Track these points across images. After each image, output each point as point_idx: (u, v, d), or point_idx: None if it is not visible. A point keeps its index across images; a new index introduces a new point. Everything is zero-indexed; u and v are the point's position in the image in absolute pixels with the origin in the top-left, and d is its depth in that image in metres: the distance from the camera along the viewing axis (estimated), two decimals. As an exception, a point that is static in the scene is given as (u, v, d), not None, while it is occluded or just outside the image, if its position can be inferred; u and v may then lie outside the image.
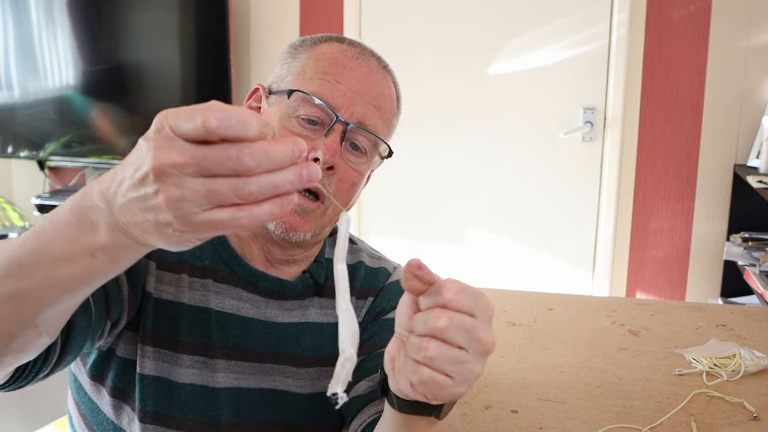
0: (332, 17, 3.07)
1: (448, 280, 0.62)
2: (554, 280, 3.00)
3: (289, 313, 1.00)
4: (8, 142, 3.24)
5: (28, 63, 3.15)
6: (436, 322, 0.60)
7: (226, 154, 0.49)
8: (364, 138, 0.95)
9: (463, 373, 0.61)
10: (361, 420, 0.93)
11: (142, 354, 0.93)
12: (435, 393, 0.62)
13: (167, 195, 0.50)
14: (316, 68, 0.94)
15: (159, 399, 0.93)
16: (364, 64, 0.96)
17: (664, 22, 2.74)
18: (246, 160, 0.49)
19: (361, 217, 3.20)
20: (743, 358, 1.22)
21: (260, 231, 0.96)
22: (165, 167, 0.50)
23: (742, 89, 2.72)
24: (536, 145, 2.95)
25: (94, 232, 0.57)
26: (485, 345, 0.62)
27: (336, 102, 0.92)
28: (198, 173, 0.50)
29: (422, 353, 0.60)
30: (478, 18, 2.93)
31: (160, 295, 0.94)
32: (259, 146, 0.50)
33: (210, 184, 0.50)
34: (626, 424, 1.05)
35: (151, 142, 0.51)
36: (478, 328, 0.61)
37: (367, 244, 1.14)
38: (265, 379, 0.98)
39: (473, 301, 0.62)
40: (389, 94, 0.98)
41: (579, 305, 1.55)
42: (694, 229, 2.85)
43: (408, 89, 3.34)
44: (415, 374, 0.61)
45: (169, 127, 0.50)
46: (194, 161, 0.49)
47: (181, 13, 3.01)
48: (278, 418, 0.98)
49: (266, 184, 0.51)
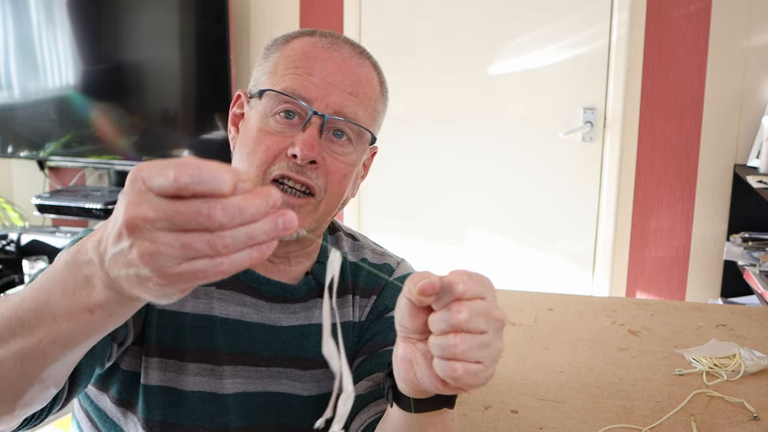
0: (332, 17, 3.07)
1: (452, 273, 0.63)
2: (554, 280, 3.00)
3: (294, 316, 0.99)
4: (8, 142, 3.24)
5: (28, 63, 3.15)
6: (458, 316, 0.61)
7: (197, 210, 0.49)
8: (345, 127, 0.92)
9: (491, 355, 0.63)
10: (361, 420, 0.93)
11: (146, 365, 0.93)
12: (470, 382, 0.63)
13: (141, 249, 0.50)
14: (287, 64, 0.93)
15: (166, 408, 0.93)
16: (336, 54, 0.93)
17: (664, 22, 2.74)
18: (217, 216, 0.49)
19: (360, 215, 3.20)
20: (743, 358, 1.22)
21: None
22: (136, 222, 0.50)
23: (742, 89, 2.72)
24: (536, 145, 2.95)
25: (90, 288, 0.57)
26: (501, 321, 0.64)
27: (309, 95, 0.90)
28: (170, 228, 0.50)
29: (452, 350, 0.61)
30: (478, 18, 2.93)
31: (163, 306, 0.93)
32: (233, 202, 0.50)
33: (184, 237, 0.50)
34: (626, 424, 1.05)
35: (126, 197, 0.51)
36: (492, 308, 0.63)
37: (369, 239, 1.13)
38: (272, 383, 0.98)
39: (481, 285, 0.63)
40: (368, 80, 0.96)
41: (579, 305, 1.55)
42: (694, 229, 2.85)
43: (408, 89, 3.34)
44: (448, 371, 0.62)
45: (141, 181, 0.50)
46: (165, 216, 0.49)
47: (181, 13, 3.01)
48: (286, 421, 0.98)
49: (241, 236, 0.51)
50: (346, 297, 1.03)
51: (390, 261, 1.09)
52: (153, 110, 3.11)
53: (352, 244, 1.09)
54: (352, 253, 1.08)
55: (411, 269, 1.10)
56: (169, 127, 3.11)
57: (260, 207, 0.51)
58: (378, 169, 3.43)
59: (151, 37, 3.05)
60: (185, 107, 3.07)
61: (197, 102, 3.11)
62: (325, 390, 1.00)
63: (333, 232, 1.09)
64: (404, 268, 1.10)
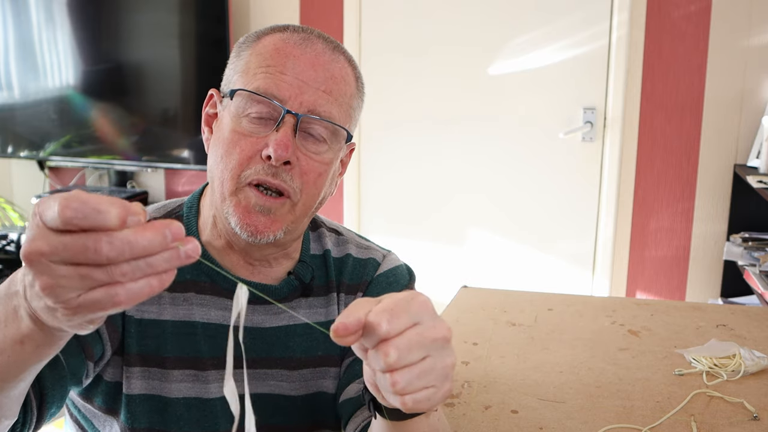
0: (332, 17, 3.07)
1: (374, 312, 0.60)
2: (554, 280, 3.00)
3: (277, 317, 0.98)
4: (8, 142, 3.24)
5: (28, 63, 3.15)
6: (387, 359, 0.59)
7: (83, 245, 0.49)
8: (319, 126, 0.90)
9: (439, 375, 0.61)
10: (356, 423, 0.93)
11: (128, 375, 0.92)
12: (426, 407, 0.62)
13: (41, 282, 0.52)
14: (259, 62, 0.90)
15: (153, 416, 0.93)
16: (308, 50, 0.90)
17: (664, 22, 2.74)
18: (104, 250, 0.49)
19: (361, 216, 3.20)
20: (743, 358, 1.22)
21: (234, 238, 0.93)
22: (32, 256, 0.51)
23: (742, 89, 2.72)
24: (536, 145, 2.95)
25: (19, 320, 0.58)
26: (442, 337, 0.61)
27: (282, 94, 0.88)
28: (65, 261, 0.50)
29: (394, 388, 0.60)
30: (479, 18, 2.93)
31: (142, 315, 0.93)
32: (121, 236, 0.50)
33: (81, 269, 0.50)
34: (626, 424, 1.05)
35: (27, 231, 0.52)
36: (426, 331, 0.61)
37: (353, 232, 1.10)
38: (259, 384, 0.97)
39: (407, 314, 0.60)
40: (342, 76, 0.92)
41: (579, 305, 1.55)
42: (694, 229, 2.85)
43: (408, 89, 3.34)
44: (399, 403, 0.61)
45: (39, 216, 0.51)
46: (57, 251, 0.50)
47: (181, 13, 3.01)
48: (275, 421, 0.98)
49: (141, 264, 0.51)
50: (331, 295, 1.02)
51: (375, 255, 1.06)
52: (153, 110, 3.11)
53: (336, 239, 1.07)
54: (336, 248, 1.05)
55: (397, 262, 1.08)
56: (169, 127, 3.11)
57: (154, 239, 0.51)
58: (378, 169, 3.42)
59: (151, 37, 3.05)
60: (185, 107, 3.07)
61: (197, 102, 3.11)
62: (314, 389, 1.00)
63: (315, 229, 1.06)
64: (390, 261, 1.07)
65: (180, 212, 1.00)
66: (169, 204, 1.03)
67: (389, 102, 3.04)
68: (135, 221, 0.50)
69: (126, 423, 0.92)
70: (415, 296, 0.62)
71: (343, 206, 3.18)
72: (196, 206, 1.00)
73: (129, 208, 0.50)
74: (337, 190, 3.16)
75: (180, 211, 1.01)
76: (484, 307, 1.53)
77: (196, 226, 0.98)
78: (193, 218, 0.99)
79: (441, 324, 0.62)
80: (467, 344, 1.34)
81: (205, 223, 0.98)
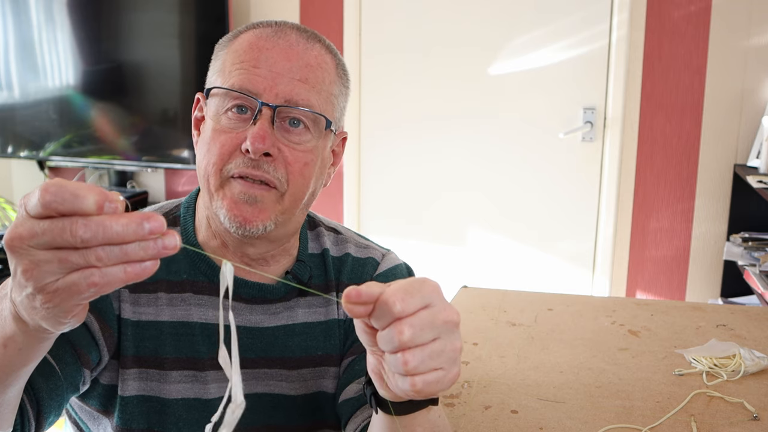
0: (332, 17, 3.07)
1: (388, 291, 0.61)
2: (554, 280, 3.00)
3: (276, 317, 0.98)
4: (8, 142, 3.24)
5: (28, 63, 3.15)
6: (401, 337, 0.60)
7: (61, 227, 0.52)
8: (299, 114, 0.90)
9: (449, 358, 0.62)
10: (356, 424, 0.92)
11: (124, 377, 0.92)
12: (434, 390, 0.62)
13: (22, 267, 0.54)
14: (233, 60, 0.91)
15: (151, 417, 0.93)
16: (281, 41, 0.91)
17: (664, 22, 2.74)
18: (79, 233, 0.52)
19: (361, 216, 3.20)
20: (743, 358, 1.22)
21: (227, 237, 0.94)
22: (13, 242, 0.54)
23: (742, 89, 2.72)
24: (536, 144, 2.95)
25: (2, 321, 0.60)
26: (452, 321, 0.63)
27: (257, 87, 0.88)
28: (44, 246, 0.53)
29: (405, 367, 0.61)
30: (479, 18, 2.93)
31: (139, 317, 0.93)
32: (96, 219, 0.52)
33: (60, 253, 0.53)
34: (626, 424, 1.05)
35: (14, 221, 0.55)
36: (438, 313, 0.62)
37: (353, 231, 1.10)
38: (259, 384, 0.97)
39: (420, 296, 0.62)
40: (318, 63, 0.92)
41: (579, 305, 1.55)
42: (694, 229, 2.85)
43: (408, 88, 3.34)
44: (408, 386, 0.62)
45: (23, 207, 0.54)
46: (36, 234, 0.53)
47: (181, 13, 3.01)
48: (275, 421, 0.98)
49: (115, 251, 0.53)
50: (330, 294, 1.02)
51: (374, 254, 1.06)
52: (153, 110, 3.11)
53: (335, 238, 1.06)
54: (335, 247, 1.05)
55: (397, 261, 1.07)
56: (169, 127, 3.11)
57: (128, 226, 0.53)
58: (378, 169, 3.42)
59: (151, 37, 3.05)
60: (185, 107, 3.07)
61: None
62: (314, 389, 1.00)
63: (313, 228, 1.06)
64: (389, 260, 1.07)
65: (177, 213, 1.01)
66: (166, 205, 1.03)
67: (389, 102, 3.04)
68: (112, 208, 0.53)
69: (119, 424, 0.92)
70: (426, 280, 0.64)
71: (343, 206, 3.18)
72: (192, 207, 1.00)
73: (107, 195, 0.53)
74: (337, 190, 3.17)
75: (177, 212, 1.01)
76: (484, 307, 1.53)
77: (192, 227, 0.98)
78: (190, 219, 0.99)
79: (451, 308, 0.63)
80: (467, 344, 1.34)
81: (201, 223, 0.98)
